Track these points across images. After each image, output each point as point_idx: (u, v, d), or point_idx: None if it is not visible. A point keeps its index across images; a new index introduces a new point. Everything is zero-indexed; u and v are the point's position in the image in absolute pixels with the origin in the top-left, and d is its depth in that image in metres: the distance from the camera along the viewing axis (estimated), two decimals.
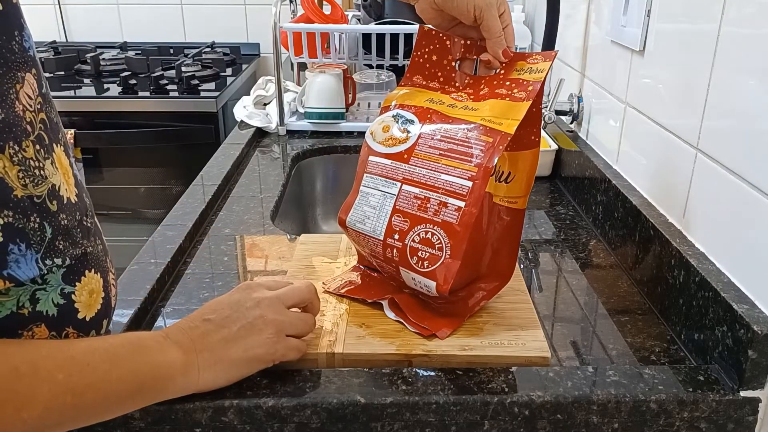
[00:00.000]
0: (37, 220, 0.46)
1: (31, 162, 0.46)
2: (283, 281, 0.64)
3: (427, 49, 0.72)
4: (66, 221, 0.49)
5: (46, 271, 0.47)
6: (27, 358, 0.44)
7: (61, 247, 0.48)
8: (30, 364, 0.44)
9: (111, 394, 0.49)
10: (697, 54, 0.72)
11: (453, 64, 0.72)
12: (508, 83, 0.67)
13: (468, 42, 0.71)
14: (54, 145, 0.49)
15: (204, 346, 0.55)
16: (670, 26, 0.79)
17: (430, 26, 0.72)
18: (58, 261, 0.48)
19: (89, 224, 0.53)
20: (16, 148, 0.45)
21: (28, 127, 0.46)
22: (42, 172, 0.47)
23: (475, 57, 0.72)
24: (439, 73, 0.73)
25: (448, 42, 0.72)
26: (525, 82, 0.66)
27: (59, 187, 0.48)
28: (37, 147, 0.47)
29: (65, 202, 0.49)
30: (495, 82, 0.69)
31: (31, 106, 0.47)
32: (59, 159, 0.50)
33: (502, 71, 0.69)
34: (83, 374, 0.46)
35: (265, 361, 0.58)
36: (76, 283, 0.50)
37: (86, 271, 0.51)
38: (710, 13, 0.69)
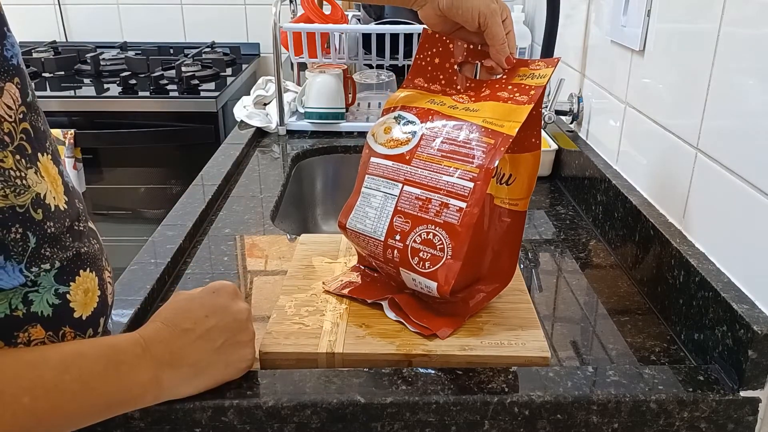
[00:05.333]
0: (20, 230, 0.45)
1: (11, 172, 0.45)
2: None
3: (429, 52, 0.73)
4: (53, 229, 0.48)
5: (33, 277, 0.47)
6: None
7: (47, 253, 0.48)
8: None
9: (76, 414, 0.47)
10: (697, 54, 0.72)
11: (455, 67, 0.72)
12: (510, 87, 0.67)
13: (470, 46, 0.72)
14: (39, 154, 0.49)
15: (185, 361, 0.53)
16: (670, 26, 0.79)
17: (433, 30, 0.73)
18: (46, 266, 0.48)
19: (82, 228, 0.52)
20: None
21: (6, 138, 0.46)
22: (24, 182, 0.46)
23: (476, 61, 0.72)
24: (441, 76, 0.73)
25: (451, 45, 0.72)
26: (527, 87, 0.66)
27: (45, 195, 0.48)
28: (17, 157, 0.46)
29: (53, 210, 0.49)
30: (497, 86, 0.69)
31: (11, 116, 0.46)
32: (45, 168, 0.49)
33: (504, 76, 0.69)
34: (49, 397, 0.45)
35: (239, 375, 0.58)
36: (71, 283, 0.50)
37: (80, 271, 0.51)
38: (710, 13, 0.69)
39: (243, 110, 1.40)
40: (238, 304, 0.58)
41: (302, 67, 1.60)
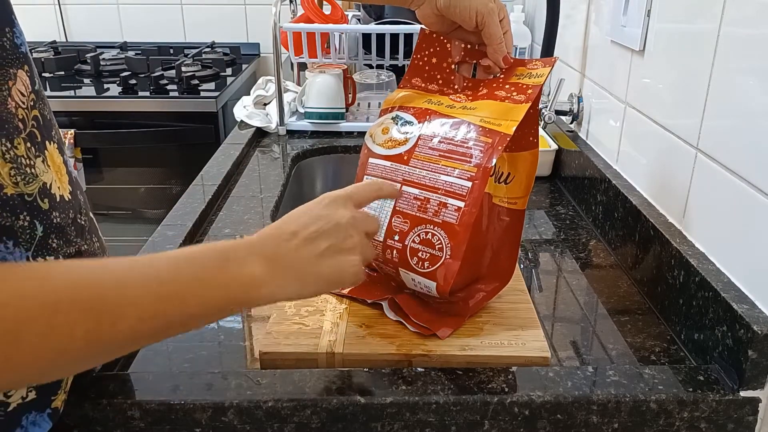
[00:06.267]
0: (27, 218, 0.46)
1: (23, 160, 0.46)
2: (364, 188, 0.61)
3: (427, 52, 0.73)
4: (59, 219, 0.48)
5: None
6: (117, 271, 0.43)
7: (54, 245, 0.48)
8: (121, 276, 0.43)
9: (196, 309, 0.46)
10: (697, 54, 0.72)
11: (452, 67, 0.72)
12: (507, 86, 0.68)
13: (467, 45, 0.72)
14: (47, 142, 0.49)
15: (294, 262, 0.52)
16: (670, 26, 0.79)
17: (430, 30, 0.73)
18: (51, 259, 0.48)
19: (84, 222, 0.52)
20: (8, 145, 0.44)
21: (20, 125, 0.46)
22: (33, 170, 0.46)
23: (473, 61, 0.72)
24: (439, 76, 0.73)
25: (448, 45, 0.72)
26: (524, 86, 0.66)
27: (51, 185, 0.48)
28: (28, 144, 0.46)
29: (58, 200, 0.49)
30: (494, 85, 0.69)
31: (23, 103, 0.47)
32: (51, 156, 0.49)
33: (502, 76, 0.70)
34: (170, 287, 0.44)
35: (345, 285, 0.56)
36: None
37: None
38: (710, 13, 0.69)
39: (243, 110, 1.40)
40: (340, 210, 0.57)
41: (302, 67, 1.60)
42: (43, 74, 2.00)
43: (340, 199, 0.58)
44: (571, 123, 1.16)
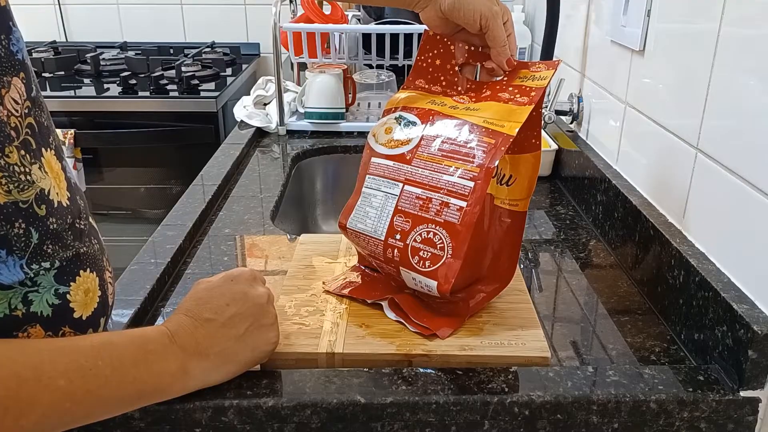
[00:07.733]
0: (23, 225, 0.46)
1: (16, 167, 0.45)
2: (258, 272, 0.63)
3: (430, 54, 0.73)
4: (56, 225, 0.48)
5: (33, 275, 0.47)
6: (29, 363, 0.44)
7: (49, 251, 0.48)
8: (32, 370, 0.43)
9: (110, 400, 0.48)
10: (697, 54, 0.72)
11: (456, 68, 0.72)
12: (510, 88, 0.68)
13: (471, 48, 0.72)
14: (43, 149, 0.49)
15: (211, 350, 0.54)
16: (670, 26, 0.79)
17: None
18: (46, 264, 0.48)
19: (83, 226, 0.52)
20: None
21: (13, 132, 0.46)
22: (29, 177, 0.46)
23: (477, 63, 0.72)
24: (442, 78, 0.73)
25: (452, 47, 0.72)
26: (528, 88, 0.66)
27: (49, 191, 0.48)
28: (23, 152, 0.46)
29: (56, 205, 0.49)
30: (497, 87, 0.69)
31: (17, 110, 0.46)
32: (49, 163, 0.49)
33: (505, 78, 0.70)
34: (85, 380, 0.46)
35: (266, 357, 0.59)
36: (71, 283, 0.50)
37: (81, 271, 0.51)
38: (710, 13, 0.69)
39: (243, 110, 1.40)
40: (256, 288, 0.59)
41: (302, 67, 1.60)
42: (43, 74, 2.00)
43: (249, 275, 0.60)
44: (571, 123, 1.16)
